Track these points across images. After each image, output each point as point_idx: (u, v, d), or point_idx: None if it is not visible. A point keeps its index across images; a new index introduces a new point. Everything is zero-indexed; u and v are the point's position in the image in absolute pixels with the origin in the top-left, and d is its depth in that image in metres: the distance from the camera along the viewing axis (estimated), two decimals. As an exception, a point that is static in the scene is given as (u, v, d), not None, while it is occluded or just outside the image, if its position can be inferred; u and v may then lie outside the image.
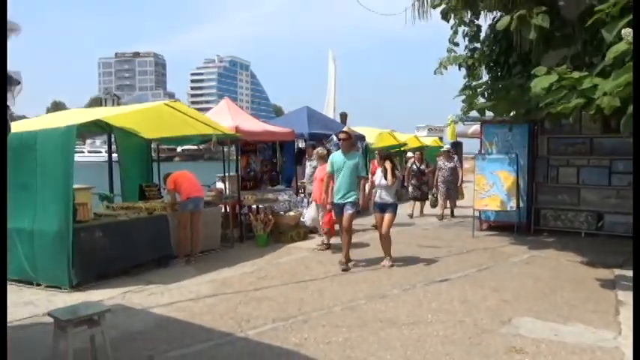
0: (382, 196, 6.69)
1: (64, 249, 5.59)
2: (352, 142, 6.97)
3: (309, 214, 8.54)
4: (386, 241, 6.75)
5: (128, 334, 4.33)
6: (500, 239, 8.65)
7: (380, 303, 5.12)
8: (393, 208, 6.71)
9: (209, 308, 5.03)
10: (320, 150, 8.36)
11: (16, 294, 5.59)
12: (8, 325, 4.56)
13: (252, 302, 5.19)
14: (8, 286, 5.81)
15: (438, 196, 11.40)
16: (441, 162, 11.25)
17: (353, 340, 4.11)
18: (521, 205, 9.03)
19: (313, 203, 8.31)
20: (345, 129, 7.28)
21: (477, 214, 9.35)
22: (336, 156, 6.77)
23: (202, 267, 6.73)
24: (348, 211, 6.52)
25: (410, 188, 11.74)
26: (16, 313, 4.90)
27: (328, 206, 7.07)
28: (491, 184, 8.86)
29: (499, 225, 9.43)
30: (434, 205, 11.58)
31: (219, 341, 4.17)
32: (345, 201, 6.54)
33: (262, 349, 3.98)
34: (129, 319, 4.72)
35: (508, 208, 8.74)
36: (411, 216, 11.36)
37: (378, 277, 6.19)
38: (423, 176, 11.50)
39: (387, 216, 6.64)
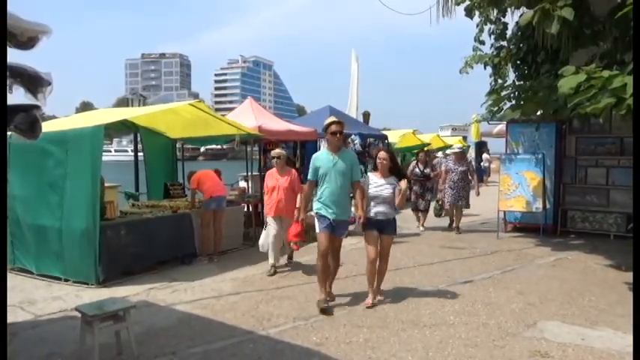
0: (381, 210, 4.95)
1: (91, 246, 5.72)
2: (343, 137, 5.11)
3: (265, 238, 6.52)
4: (383, 268, 5.16)
5: (152, 329, 4.40)
6: (525, 241, 8.48)
7: (402, 304, 5.08)
8: (394, 226, 5.14)
9: (231, 306, 5.08)
10: (278, 150, 6.70)
11: (45, 289, 5.75)
12: (39, 318, 4.73)
13: (273, 301, 5.22)
14: (38, 282, 6.02)
15: (444, 203, 9.47)
16: (451, 163, 9.29)
17: (374, 341, 4.10)
18: (548, 206, 8.84)
19: (269, 222, 6.51)
20: (333, 118, 5.11)
21: (501, 215, 9.20)
22: (322, 156, 4.98)
23: (225, 265, 6.80)
24: (342, 235, 5.10)
25: (412, 196, 9.42)
26: (45, 308, 5.06)
27: (299, 216, 5.60)
28: (517, 185, 8.70)
29: (524, 226, 9.24)
30: (438, 214, 9.74)
31: (240, 339, 4.20)
32: (340, 218, 4.92)
33: (283, 348, 3.99)
34: (153, 315, 4.81)
35: (534, 209, 8.57)
36: (422, 229, 9.50)
37: (399, 278, 6.14)
38: (428, 181, 9.57)
39: (388, 238, 5.06)
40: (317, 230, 4.96)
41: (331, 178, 4.87)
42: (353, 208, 5.20)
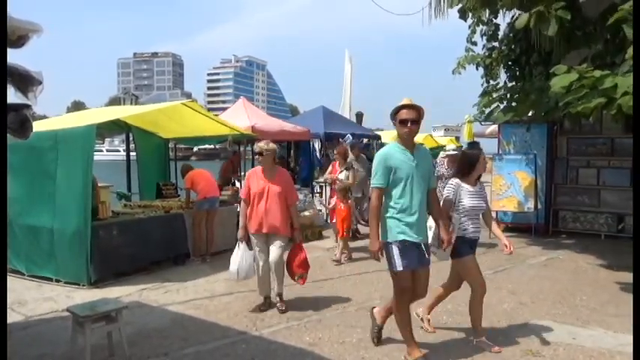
0: (479, 226, 4.01)
1: (83, 246, 5.68)
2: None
3: (238, 262, 4.82)
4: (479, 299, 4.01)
5: (144, 330, 4.38)
6: (517, 241, 8.51)
7: (395, 304, 5.08)
8: None
9: (224, 306, 5.07)
10: (263, 144, 4.82)
11: (36, 290, 5.70)
12: (30, 319, 4.69)
13: (266, 301, 5.20)
14: (29, 282, 5.96)
15: None
16: (443, 168, 8.01)
17: (367, 341, 4.09)
18: (539, 206, 8.90)
19: (243, 244, 4.83)
20: (406, 100, 3.62)
21: (493, 215, 9.25)
22: (395, 153, 3.57)
23: (218, 265, 6.77)
24: (429, 263, 3.72)
25: None
26: (37, 309, 5.02)
27: (374, 246, 3.57)
28: (509, 185, 8.75)
29: (516, 226, 9.29)
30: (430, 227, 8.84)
31: (233, 339, 4.19)
32: (426, 240, 3.68)
33: (276, 348, 3.99)
34: (145, 316, 4.78)
35: (525, 209, 8.63)
36: None
37: (393, 277, 6.15)
38: None
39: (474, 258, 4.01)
40: (396, 267, 3.50)
41: (414, 185, 3.54)
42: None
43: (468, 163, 4.02)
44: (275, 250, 4.80)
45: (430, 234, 3.77)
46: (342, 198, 7.17)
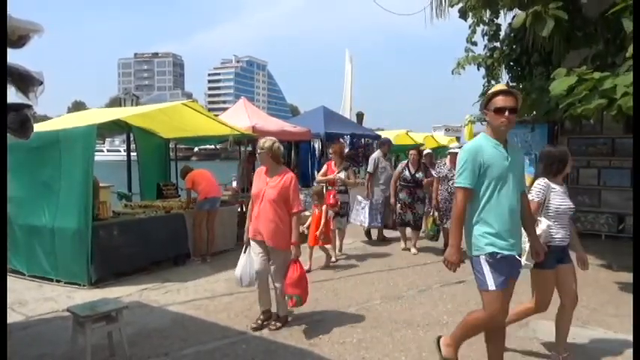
0: (568, 232, 3.58)
1: (84, 246, 5.69)
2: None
3: (242, 267, 4.41)
4: (570, 313, 3.74)
5: (145, 330, 4.38)
6: (518, 241, 8.51)
7: (395, 304, 5.09)
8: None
9: (225, 306, 5.07)
10: (263, 142, 4.39)
11: (36, 290, 5.71)
12: (30, 319, 4.69)
13: (267, 301, 5.20)
14: (29, 283, 5.97)
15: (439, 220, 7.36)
16: (445, 168, 7.14)
17: (367, 341, 4.10)
18: (540, 206, 8.90)
19: (250, 249, 4.40)
20: (501, 85, 3.72)
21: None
22: (487, 148, 3.00)
23: (218, 266, 6.78)
24: (517, 277, 3.13)
25: (397, 207, 7.61)
26: (37, 309, 5.02)
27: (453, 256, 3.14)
28: (509, 185, 8.74)
29: (517, 227, 9.28)
30: (432, 236, 7.53)
31: (234, 339, 4.19)
32: (519, 252, 3.10)
33: (277, 348, 3.99)
34: (146, 316, 4.79)
35: (526, 210, 8.61)
36: (409, 249, 7.58)
37: (393, 278, 6.15)
38: (419, 189, 7.48)
39: (571, 268, 3.67)
40: (487, 286, 2.99)
41: (506, 186, 2.98)
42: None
43: (558, 161, 3.56)
44: (273, 268, 4.32)
45: (526, 247, 3.31)
46: (317, 202, 6.62)
